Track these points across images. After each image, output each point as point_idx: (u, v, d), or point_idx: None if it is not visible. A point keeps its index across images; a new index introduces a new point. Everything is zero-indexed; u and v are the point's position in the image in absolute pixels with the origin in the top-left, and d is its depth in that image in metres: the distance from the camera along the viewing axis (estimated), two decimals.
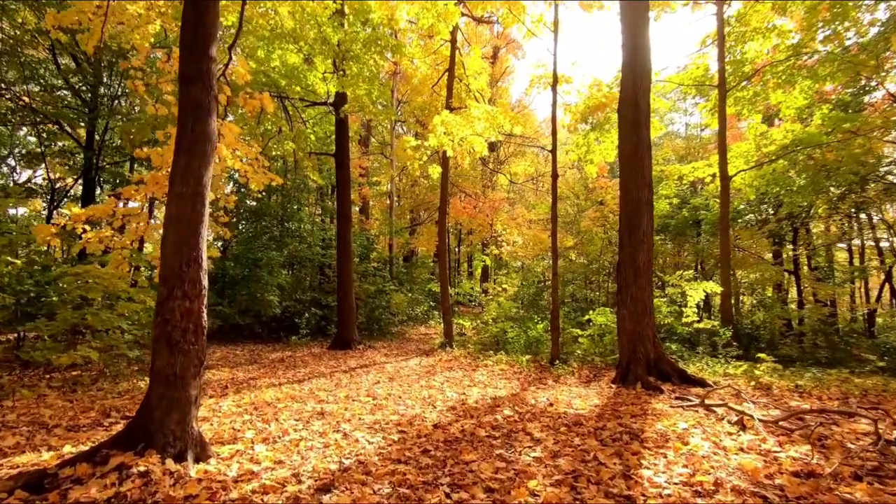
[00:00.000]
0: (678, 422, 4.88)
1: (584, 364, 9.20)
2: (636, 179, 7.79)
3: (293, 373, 8.25)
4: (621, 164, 8.11)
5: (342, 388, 6.90)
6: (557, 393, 6.91)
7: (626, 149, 7.97)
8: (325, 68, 10.57)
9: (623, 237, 7.87)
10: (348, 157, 11.89)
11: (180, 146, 3.75)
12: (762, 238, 15.72)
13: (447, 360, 10.11)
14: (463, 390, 7.01)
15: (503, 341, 11.36)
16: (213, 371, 8.13)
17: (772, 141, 11.65)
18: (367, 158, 22.94)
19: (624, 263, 7.80)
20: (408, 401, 6.14)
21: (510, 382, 7.83)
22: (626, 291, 7.70)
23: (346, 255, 12.01)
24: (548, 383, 7.81)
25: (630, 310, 7.62)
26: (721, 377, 7.59)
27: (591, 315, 10.16)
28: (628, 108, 7.99)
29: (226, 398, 5.96)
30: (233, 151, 7.10)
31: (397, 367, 9.20)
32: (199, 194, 3.72)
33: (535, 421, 5.08)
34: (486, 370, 8.86)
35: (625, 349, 7.64)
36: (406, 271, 20.21)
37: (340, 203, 12.02)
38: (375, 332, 14.44)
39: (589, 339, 9.94)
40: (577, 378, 8.19)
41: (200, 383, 3.71)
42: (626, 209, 7.90)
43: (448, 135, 9.55)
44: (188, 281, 3.60)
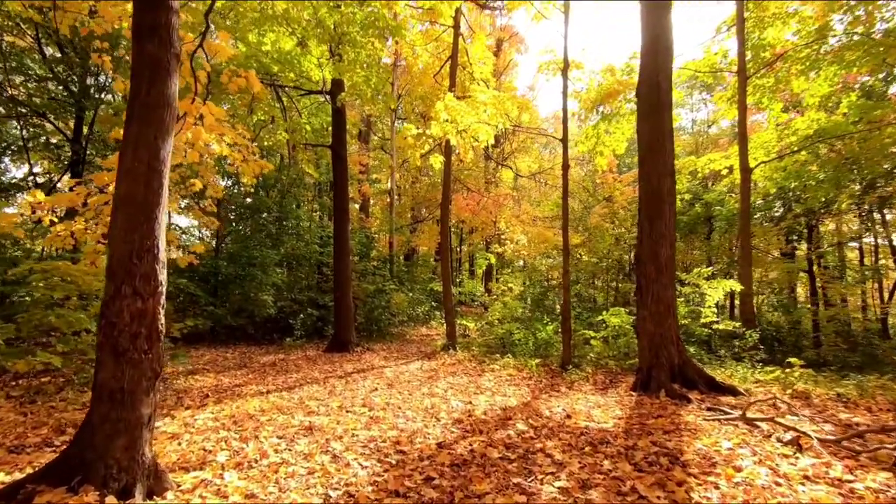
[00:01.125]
0: (720, 440, 4.23)
1: (599, 368, 8.55)
2: (657, 167, 7.13)
3: (284, 378, 7.60)
4: (640, 151, 7.45)
5: (335, 397, 6.25)
6: (573, 402, 6.26)
7: (646, 134, 7.31)
8: (319, 53, 9.92)
9: (643, 231, 7.21)
10: (346, 149, 11.25)
11: (133, 112, 3.11)
12: (776, 236, 15.09)
13: (450, 363, 9.46)
14: (469, 399, 6.36)
15: (509, 343, 10.71)
16: (196, 376, 7.49)
17: (794, 131, 10.98)
18: (367, 156, 22.31)
19: (644, 259, 7.14)
20: (408, 412, 5.50)
21: (519, 389, 7.18)
22: (647, 290, 7.04)
23: (343, 253, 11.37)
24: (560, 390, 7.16)
25: (651, 310, 6.96)
26: (752, 384, 6.93)
27: (604, 316, 9.50)
28: (648, 89, 7.33)
29: (204, 409, 5.32)
30: (219, 137, 6.48)
31: (397, 371, 8.56)
32: (155, 171, 3.07)
33: (554, 438, 4.43)
34: (492, 375, 8.21)
35: (646, 353, 6.98)
36: (407, 270, 19.57)
37: (337, 197, 11.38)
38: (374, 334, 13.79)
39: (602, 342, 9.29)
40: (591, 384, 7.53)
41: (156, 400, 3.06)
42: (646, 200, 7.24)
43: (452, 122, 8.90)
44: (140, 276, 2.96)
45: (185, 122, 5.59)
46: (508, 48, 22.57)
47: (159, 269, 3.06)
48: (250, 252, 13.43)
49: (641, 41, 7.52)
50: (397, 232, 20.36)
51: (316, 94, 11.50)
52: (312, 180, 17.27)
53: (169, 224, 16.58)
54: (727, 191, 15.24)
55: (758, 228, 15.10)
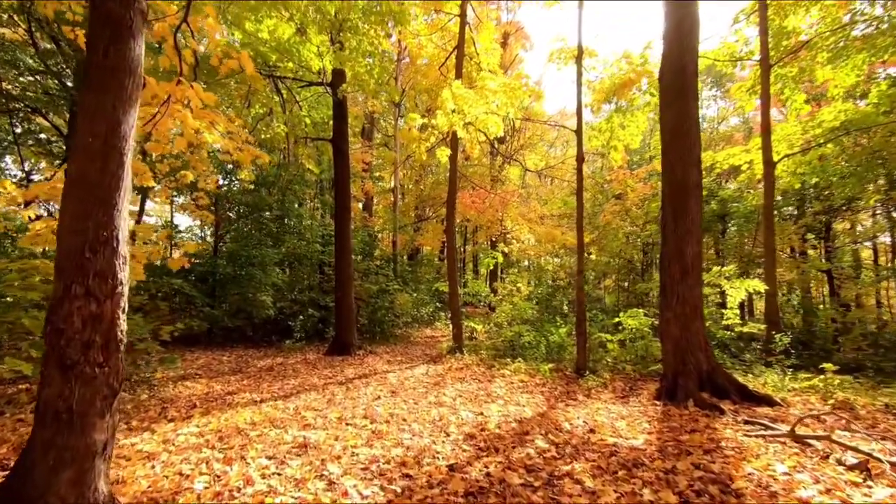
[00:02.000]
0: (772, 462, 3.69)
1: (616, 374, 8.01)
2: (683, 157, 6.59)
3: (280, 385, 7.10)
4: (664, 141, 6.92)
5: (335, 407, 5.74)
6: (593, 413, 5.73)
7: (670, 121, 6.78)
8: (319, 41, 9.43)
9: (667, 226, 6.67)
10: (347, 143, 10.74)
11: (89, 80, 2.61)
12: (793, 234, 14.50)
13: (458, 367, 8.94)
14: (480, 408, 5.84)
15: (519, 346, 10.18)
16: (187, 383, 7.00)
17: (819, 122, 10.40)
18: (370, 153, 21.82)
19: (669, 257, 6.60)
20: (414, 424, 4.98)
21: (533, 397, 6.65)
22: (672, 290, 6.50)
23: (344, 251, 10.87)
24: (577, 398, 6.63)
25: (677, 312, 6.42)
26: (787, 393, 6.37)
27: (621, 317, 8.96)
28: (672, 73, 6.79)
29: (189, 421, 4.82)
30: (209, 124, 5.99)
31: (401, 377, 8.05)
32: (115, 148, 2.57)
33: (580, 458, 3.91)
34: (503, 381, 7.69)
35: (670, 359, 6.44)
36: (411, 270, 19.05)
37: (339, 193, 10.87)
38: (378, 336, 13.29)
39: (619, 345, 8.75)
40: (610, 392, 7.00)
41: (114, 423, 2.56)
42: (670, 193, 6.70)
43: (459, 113, 8.40)
44: (95, 273, 2.46)
45: (168, 106, 5.09)
46: (514, 42, 22.02)
47: (119, 266, 2.56)
48: (249, 251, 12.96)
49: (665, 22, 6.99)
50: (401, 230, 19.86)
51: (316, 85, 11.00)
52: (314, 177, 16.79)
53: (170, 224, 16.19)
54: (744, 187, 14.67)
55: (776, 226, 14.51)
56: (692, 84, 6.73)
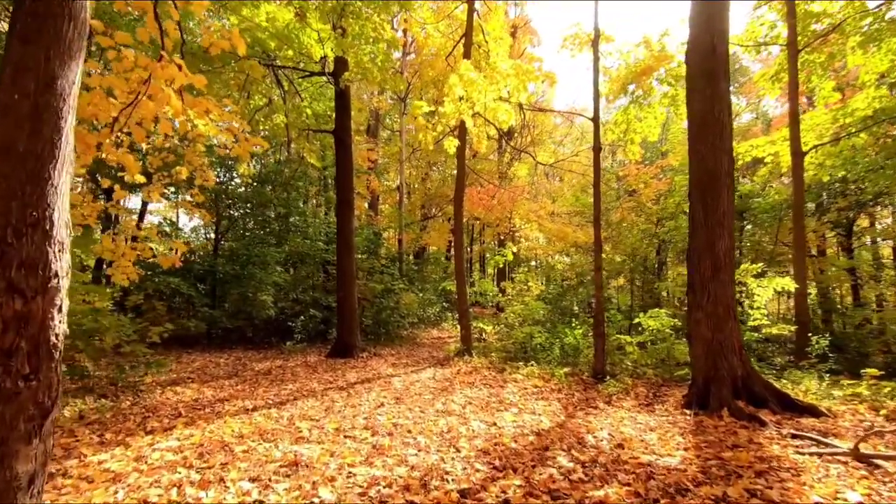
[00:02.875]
0: (840, 489, 3.14)
1: (637, 379, 7.45)
2: (713, 144, 6.03)
3: (277, 390, 6.62)
4: (692, 128, 6.36)
5: (333, 416, 5.25)
6: (618, 423, 5.19)
7: (699, 106, 6.22)
8: (320, 27, 8.95)
9: (696, 219, 6.11)
10: (350, 135, 10.27)
11: (14, 26, 2.12)
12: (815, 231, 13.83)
13: (467, 371, 8.42)
14: (493, 418, 5.32)
15: (530, 348, 9.65)
16: (177, 388, 6.54)
17: (852, 111, 9.77)
18: (375, 152, 21.35)
19: (698, 252, 6.04)
20: (420, 437, 4.47)
21: (549, 404, 6.12)
22: (702, 288, 5.94)
23: (347, 248, 10.38)
24: (598, 406, 6.09)
25: (708, 312, 5.86)
26: (833, 401, 5.78)
27: (641, 318, 8.39)
28: (700, 54, 6.23)
29: (170, 434, 4.34)
30: (204, 113, 5.50)
31: (407, 381, 7.54)
32: (49, 109, 2.08)
33: (613, 481, 3.38)
34: (515, 387, 7.16)
35: (701, 363, 5.88)
36: (417, 269, 18.55)
37: (341, 188, 10.39)
38: (382, 337, 12.79)
39: (639, 348, 8.19)
40: (633, 399, 6.45)
41: (47, 449, 2.06)
42: (699, 183, 6.14)
43: (467, 101, 7.88)
44: (20, 262, 1.97)
45: (149, 85, 4.60)
46: (522, 36, 21.48)
47: (53, 254, 2.07)
48: (250, 250, 12.53)
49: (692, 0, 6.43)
50: (407, 228, 19.37)
51: (318, 75, 10.53)
52: (317, 173, 16.33)
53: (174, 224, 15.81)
54: (765, 181, 14.02)
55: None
56: (723, 65, 6.17)
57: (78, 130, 4.77)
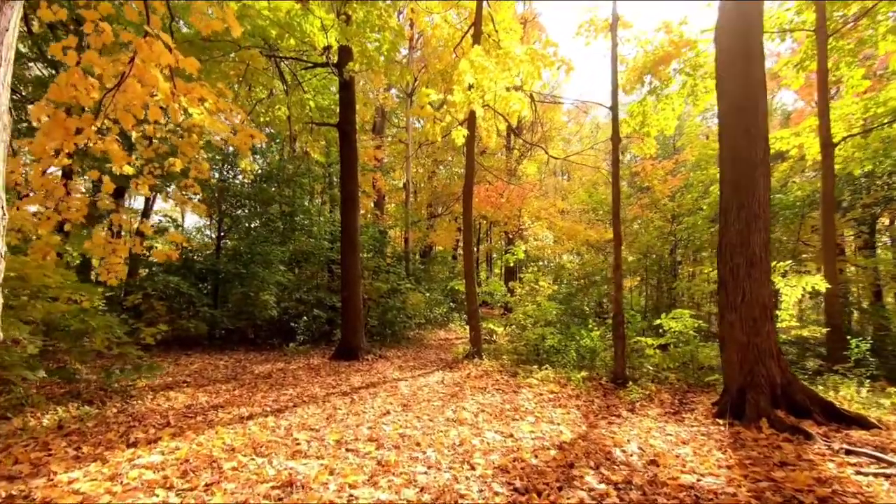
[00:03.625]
0: None
1: (660, 384, 6.97)
2: (748, 129, 5.55)
3: (276, 396, 6.21)
4: (722, 113, 5.88)
5: (335, 426, 4.83)
6: (646, 435, 4.73)
7: (731, 89, 5.74)
8: (323, 15, 8.56)
9: (728, 211, 5.63)
10: (354, 128, 9.86)
11: None
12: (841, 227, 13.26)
13: (477, 375, 7.98)
14: (509, 428, 4.87)
15: (543, 350, 9.20)
16: (171, 392, 6.15)
17: (885, 100, 9.23)
18: (382, 150, 20.95)
19: (731, 247, 5.57)
20: (430, 451, 4.03)
21: (568, 412, 5.67)
22: (735, 287, 5.47)
23: (351, 247, 9.97)
24: (620, 414, 5.63)
25: (742, 313, 5.38)
26: (883, 411, 5.28)
27: (662, 319, 7.91)
28: (734, 34, 5.76)
29: (154, 446, 3.94)
30: (198, 101, 5.10)
31: (414, 386, 7.11)
32: None
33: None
34: (530, 392, 6.71)
35: (735, 369, 5.40)
36: (423, 268, 18.11)
37: (345, 182, 9.98)
38: (388, 338, 12.38)
39: (661, 351, 7.71)
40: (657, 406, 5.98)
41: None
42: (732, 172, 5.67)
43: (477, 89, 7.46)
44: None
45: (133, 65, 4.21)
46: (530, 31, 21.01)
47: None
48: (253, 248, 12.17)
49: None
50: (413, 227, 18.95)
51: (321, 67, 10.13)
52: (322, 170, 15.95)
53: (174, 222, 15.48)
54: (786, 176, 13.47)
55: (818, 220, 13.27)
56: (757, 45, 5.69)
57: (56, 113, 4.39)
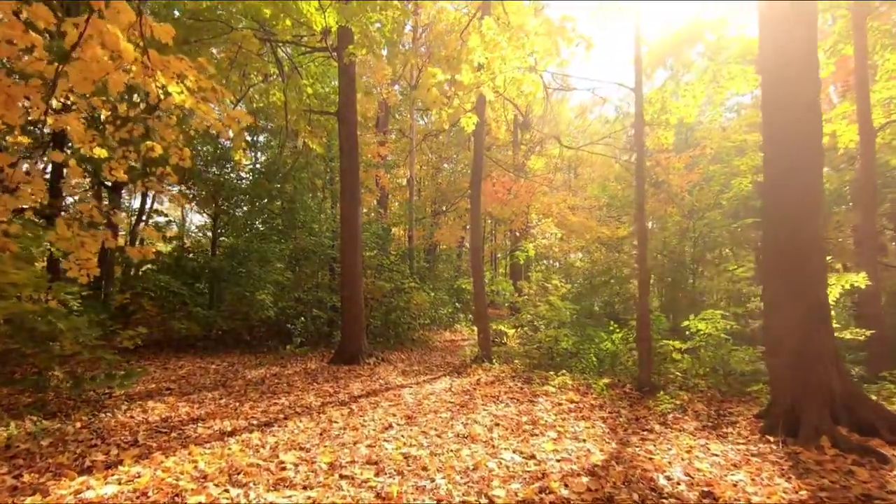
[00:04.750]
0: None
1: (693, 393, 6.30)
2: (794, 102, 4.87)
3: (266, 406, 5.59)
4: (766, 85, 5.20)
5: (329, 444, 4.20)
6: (688, 454, 4.08)
7: (774, 56, 5.06)
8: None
9: (775, 196, 4.97)
10: (355, 116, 9.23)
11: None
12: None
13: (488, 381, 7.34)
14: (529, 447, 4.23)
15: (557, 354, 8.56)
16: (150, 402, 5.54)
17: None
18: (386, 147, 20.32)
19: (778, 238, 4.90)
20: (439, 478, 3.40)
21: (593, 426, 5.02)
22: (785, 285, 4.80)
23: (352, 243, 9.34)
24: (653, 428, 4.98)
25: (793, 313, 4.71)
26: None
27: (690, 321, 7.23)
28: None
29: (114, 471, 3.32)
30: (177, 77, 4.49)
31: (419, 394, 6.48)
32: None
33: None
34: (548, 401, 6.06)
35: (785, 378, 4.74)
36: (428, 266, 17.48)
37: (345, 173, 9.36)
38: (391, 340, 11.75)
39: (691, 356, 7.04)
40: (693, 419, 5.32)
41: None
42: (778, 155, 5.00)
43: (488, 70, 6.83)
44: None
45: (88, 25, 3.57)
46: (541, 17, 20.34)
47: None
48: (251, 246, 11.58)
49: None
50: (417, 223, 18.32)
51: (320, 51, 9.51)
52: (324, 165, 15.33)
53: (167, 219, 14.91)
54: None
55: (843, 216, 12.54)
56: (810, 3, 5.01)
57: None
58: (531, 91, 7.06)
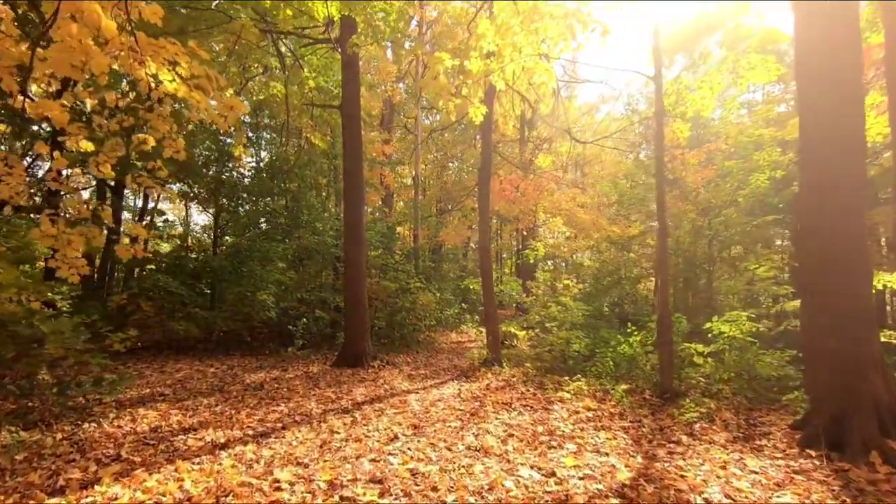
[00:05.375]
0: None
1: (717, 400, 5.90)
2: (837, 89, 4.48)
3: (263, 413, 5.25)
4: (803, 71, 4.81)
5: (329, 458, 3.85)
6: (723, 471, 3.71)
7: (813, 36, 4.67)
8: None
9: (814, 184, 4.57)
10: (359, 110, 8.89)
11: None
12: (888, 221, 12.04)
13: (498, 386, 6.97)
14: (547, 462, 3.87)
15: (569, 356, 8.17)
16: (140, 409, 5.21)
17: None
18: (391, 145, 19.98)
19: (820, 231, 4.50)
20: (450, 499, 3.04)
21: (615, 438, 4.64)
22: (826, 283, 4.40)
23: (355, 240, 9.00)
24: (680, 440, 4.59)
25: (837, 314, 4.31)
26: None
27: (713, 323, 6.83)
28: None
29: (89, 492, 2.99)
30: (168, 63, 4.15)
31: (426, 400, 6.12)
32: None
33: None
34: (564, 409, 5.68)
35: (827, 385, 4.34)
36: (434, 266, 17.11)
37: (348, 169, 9.03)
38: (397, 341, 11.40)
39: (714, 360, 6.63)
40: (722, 429, 4.92)
41: None
42: (811, 141, 4.60)
43: (498, 58, 6.48)
44: None
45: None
46: None
47: None
48: (253, 245, 11.27)
49: None
50: (423, 222, 17.97)
51: (322, 43, 9.18)
52: (328, 163, 15.01)
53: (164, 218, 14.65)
54: None
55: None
56: None
57: None
58: (543, 81, 6.69)
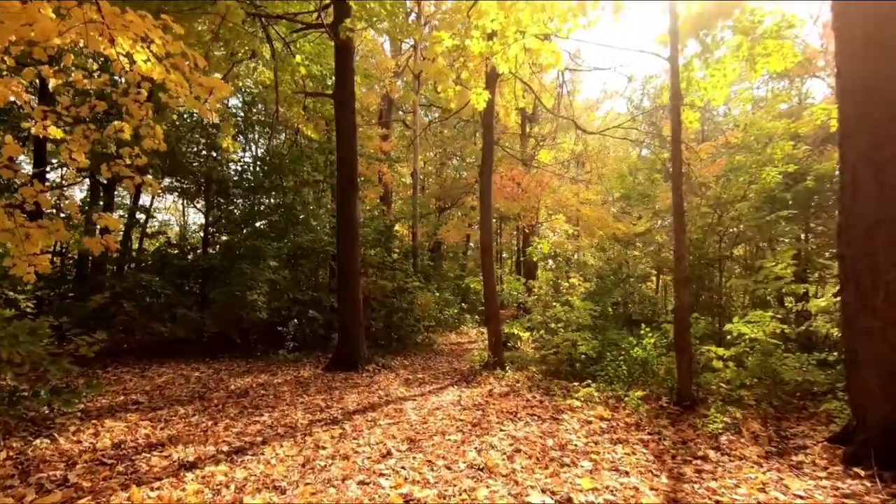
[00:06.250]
0: None
1: (741, 408, 5.40)
2: (888, 69, 3.98)
3: (244, 425, 4.76)
4: (847, 48, 4.31)
5: (311, 479, 3.36)
6: (763, 494, 3.23)
7: (864, 13, 4.18)
8: None
9: (859, 176, 4.07)
10: (353, 99, 8.39)
11: None
12: None
13: (502, 392, 6.47)
14: (561, 483, 3.38)
15: (577, 359, 7.68)
16: (106, 421, 4.72)
17: None
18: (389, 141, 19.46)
19: (866, 226, 4.00)
20: None
21: (634, 453, 4.15)
22: (875, 280, 3.91)
23: (350, 238, 8.50)
24: (707, 455, 4.10)
25: (888, 318, 3.82)
26: None
27: (733, 325, 6.33)
28: None
29: None
30: (139, 40, 3.61)
31: (424, 409, 5.63)
32: None
33: None
34: (574, 418, 5.19)
35: (874, 395, 3.85)
36: (433, 264, 16.61)
37: (342, 162, 8.52)
38: (394, 343, 10.90)
39: (735, 365, 6.13)
40: (751, 441, 4.44)
41: None
42: (859, 124, 4.10)
43: (501, 38, 6.03)
44: None
45: None
46: None
47: None
48: (245, 243, 10.79)
49: None
50: (422, 220, 17.47)
51: (314, 28, 8.66)
52: (324, 158, 14.49)
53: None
54: None
55: None
56: None
57: None
58: (550, 62, 6.23)
